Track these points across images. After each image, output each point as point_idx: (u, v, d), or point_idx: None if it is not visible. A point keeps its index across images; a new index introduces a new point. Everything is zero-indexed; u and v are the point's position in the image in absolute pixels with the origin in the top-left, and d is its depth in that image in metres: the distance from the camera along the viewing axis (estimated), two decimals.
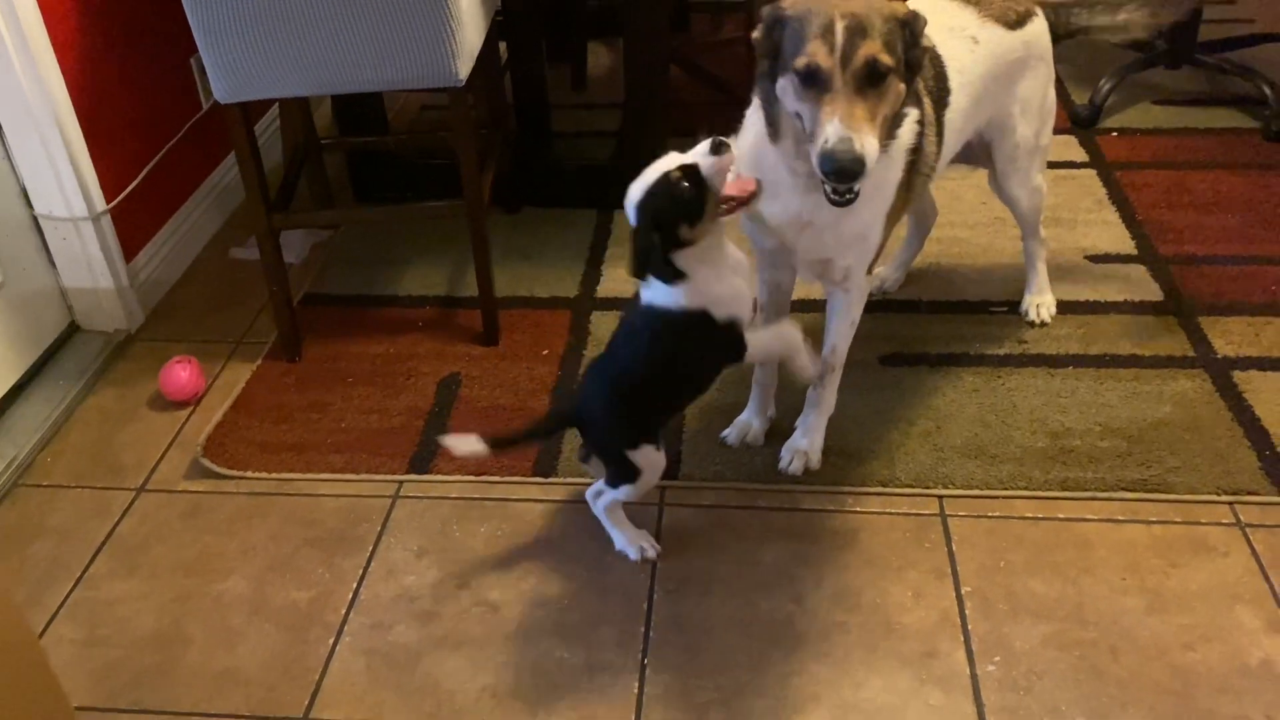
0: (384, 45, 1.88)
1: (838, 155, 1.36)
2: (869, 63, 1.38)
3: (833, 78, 1.38)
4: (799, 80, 1.41)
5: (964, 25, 1.78)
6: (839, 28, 1.38)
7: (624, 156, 2.68)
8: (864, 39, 1.37)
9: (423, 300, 2.37)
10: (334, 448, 1.98)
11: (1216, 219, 2.47)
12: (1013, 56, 1.84)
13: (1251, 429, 1.90)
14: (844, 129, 1.36)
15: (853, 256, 1.66)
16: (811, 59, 1.38)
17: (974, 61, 1.76)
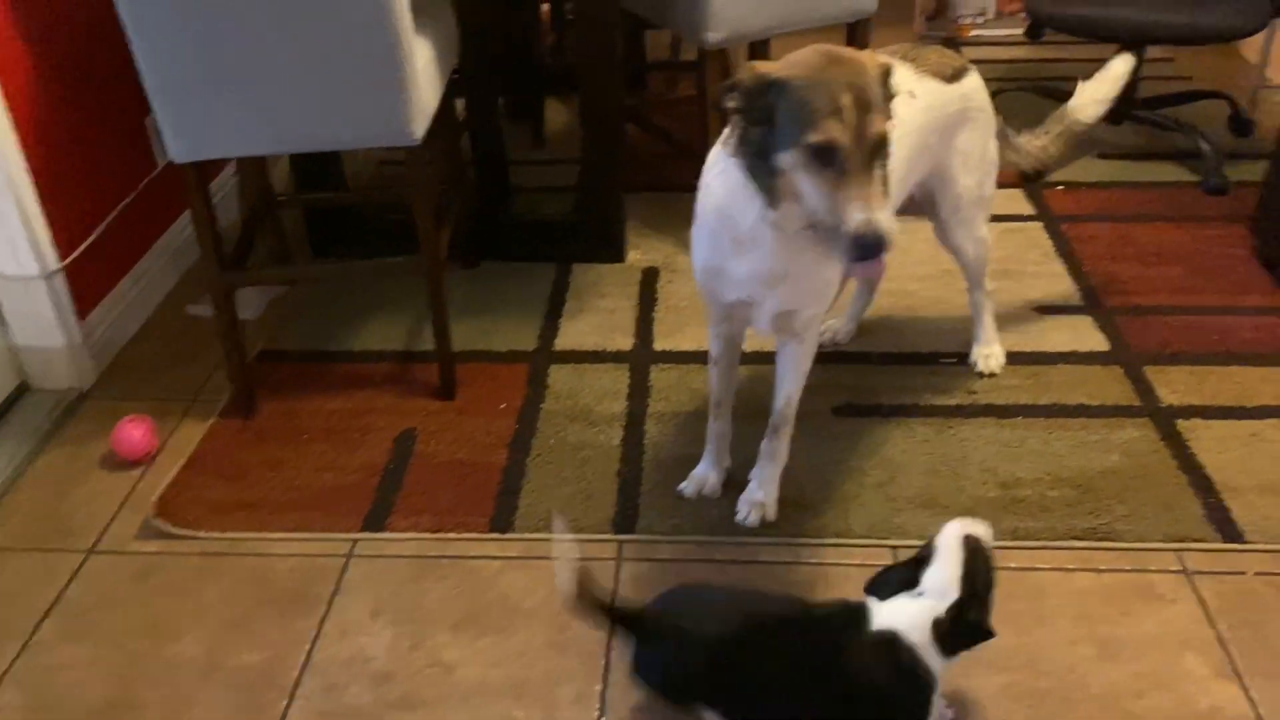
0: (340, 106, 1.89)
1: (869, 239, 1.36)
2: (881, 139, 1.38)
3: (849, 159, 1.36)
4: (811, 157, 1.38)
5: (903, 80, 1.82)
6: (847, 103, 1.36)
7: (582, 211, 2.71)
8: (871, 112, 1.37)
9: (379, 355, 2.37)
10: (288, 506, 1.97)
11: (1159, 270, 2.54)
12: (951, 109, 1.89)
13: (1196, 477, 1.94)
14: (869, 211, 1.36)
15: (815, 307, 1.69)
16: (828, 138, 1.36)
17: (911, 115, 1.80)
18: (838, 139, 1.36)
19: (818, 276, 1.63)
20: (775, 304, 1.66)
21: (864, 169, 1.37)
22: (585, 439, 2.09)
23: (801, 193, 1.43)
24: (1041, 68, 3.71)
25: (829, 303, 1.72)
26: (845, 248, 1.38)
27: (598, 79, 2.49)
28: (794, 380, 1.80)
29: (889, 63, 1.46)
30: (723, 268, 1.63)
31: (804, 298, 1.66)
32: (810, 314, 1.70)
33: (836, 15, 2.55)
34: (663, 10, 2.57)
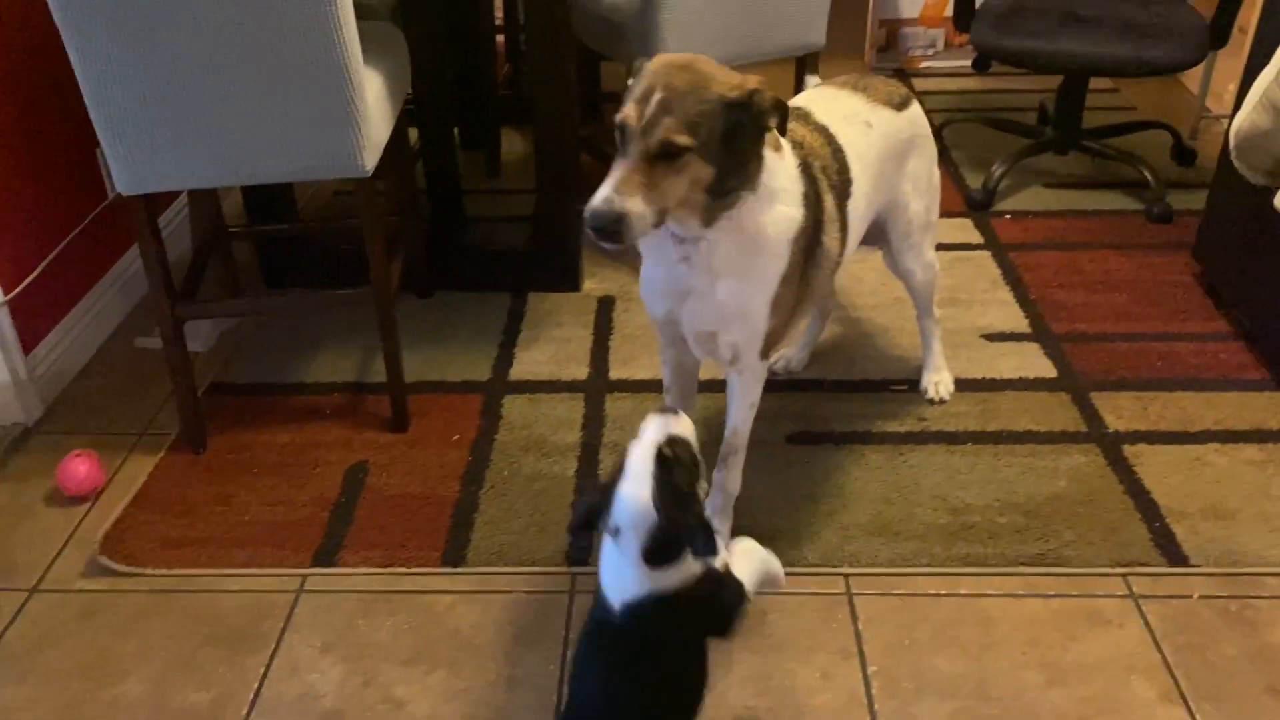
0: (289, 138, 1.89)
1: (596, 212, 1.41)
2: (663, 142, 1.41)
3: (631, 141, 1.43)
4: (617, 137, 1.46)
5: (857, 111, 1.85)
6: (654, 99, 1.42)
7: (537, 240, 2.71)
8: (668, 116, 1.41)
9: (331, 387, 2.35)
10: (237, 541, 1.94)
11: (1105, 298, 2.58)
12: (903, 136, 1.93)
13: (1142, 501, 1.97)
14: (610, 190, 1.41)
15: (736, 333, 1.68)
16: (621, 118, 1.44)
17: (869, 145, 1.83)
18: (627, 120, 1.43)
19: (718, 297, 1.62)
20: (692, 322, 1.68)
21: (635, 158, 1.42)
22: (540, 470, 2.09)
23: None
24: (989, 99, 3.77)
25: (756, 339, 1.69)
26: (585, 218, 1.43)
27: (552, 110, 2.50)
28: (739, 411, 1.80)
29: (756, 89, 1.47)
30: (651, 276, 1.69)
31: (714, 319, 1.66)
32: (731, 340, 1.68)
33: (787, 48, 2.59)
34: (616, 43, 2.59)
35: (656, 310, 1.73)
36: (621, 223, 1.41)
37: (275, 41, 1.79)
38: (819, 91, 1.91)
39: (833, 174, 1.73)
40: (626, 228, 1.41)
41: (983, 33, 2.94)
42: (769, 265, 1.62)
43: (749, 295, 1.64)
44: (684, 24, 2.38)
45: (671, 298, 1.67)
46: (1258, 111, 2.14)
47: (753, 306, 1.65)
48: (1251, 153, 2.23)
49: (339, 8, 1.79)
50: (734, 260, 1.59)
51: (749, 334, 1.68)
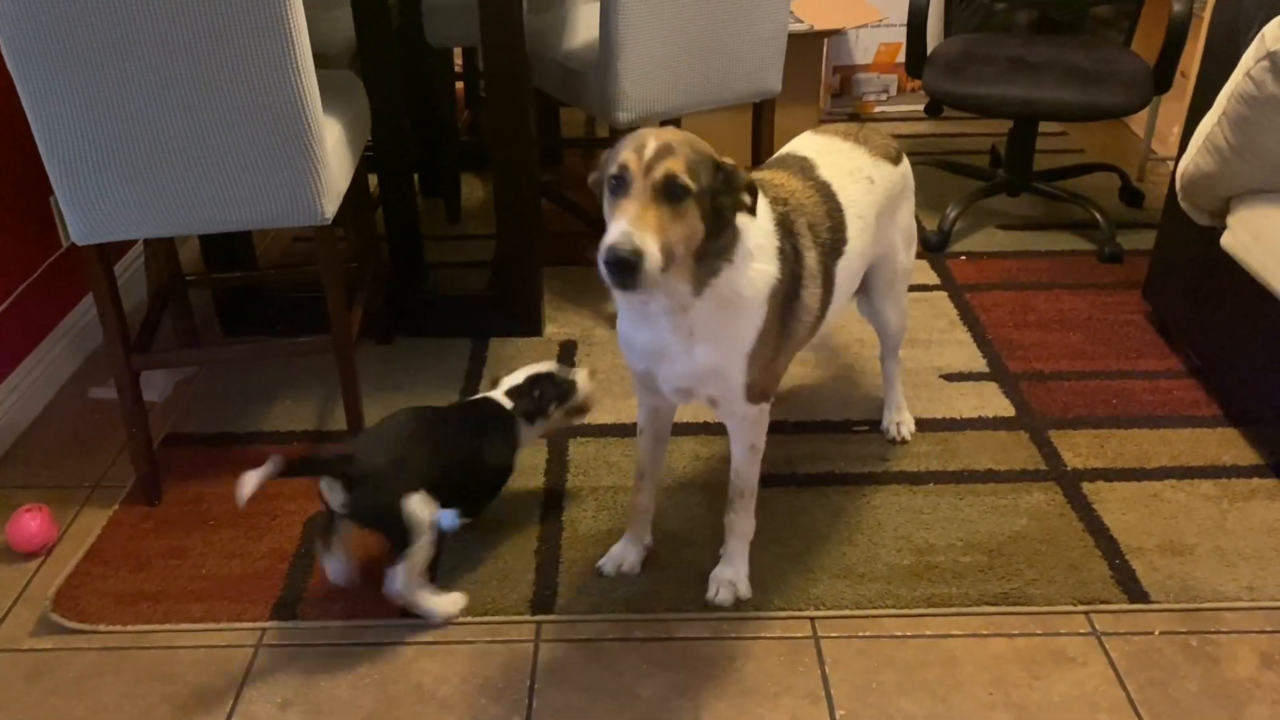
0: (247, 187, 1.88)
1: (616, 247, 1.38)
2: (668, 176, 1.42)
3: (633, 183, 1.43)
4: (610, 190, 1.46)
5: (860, 166, 1.87)
6: (650, 145, 1.44)
7: (498, 286, 2.71)
8: (670, 157, 1.43)
9: (291, 436, 2.32)
10: (194, 596, 1.91)
11: (1060, 337, 2.62)
12: (897, 190, 1.96)
13: (1101, 538, 1.99)
14: (628, 226, 1.39)
15: (714, 390, 1.68)
16: (620, 165, 1.44)
17: (871, 203, 1.85)
18: (627, 163, 1.43)
19: (694, 358, 1.62)
20: (669, 380, 1.68)
21: (644, 196, 1.42)
22: (502, 517, 2.07)
23: None
24: (943, 142, 3.85)
25: (736, 392, 1.68)
26: (601, 258, 1.40)
27: (511, 156, 2.51)
28: (739, 453, 1.80)
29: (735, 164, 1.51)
30: (629, 336, 1.68)
31: (689, 377, 1.66)
32: (708, 394, 1.69)
33: (743, 95, 2.62)
34: (574, 91, 2.61)
35: (635, 365, 1.73)
36: (641, 258, 1.38)
37: (234, 90, 1.79)
38: (823, 142, 1.91)
39: (822, 231, 1.74)
40: (644, 264, 1.39)
41: (934, 79, 3.00)
42: (745, 325, 1.62)
43: (724, 355, 1.64)
44: (641, 72, 2.41)
45: (649, 357, 1.67)
46: (1201, 154, 2.20)
47: (729, 364, 1.65)
48: (1197, 194, 2.29)
49: (298, 56, 1.79)
50: (711, 324, 1.59)
51: (726, 389, 1.68)
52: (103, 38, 1.71)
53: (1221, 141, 2.13)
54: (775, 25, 2.56)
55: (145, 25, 1.71)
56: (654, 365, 1.67)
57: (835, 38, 3.97)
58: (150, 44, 1.73)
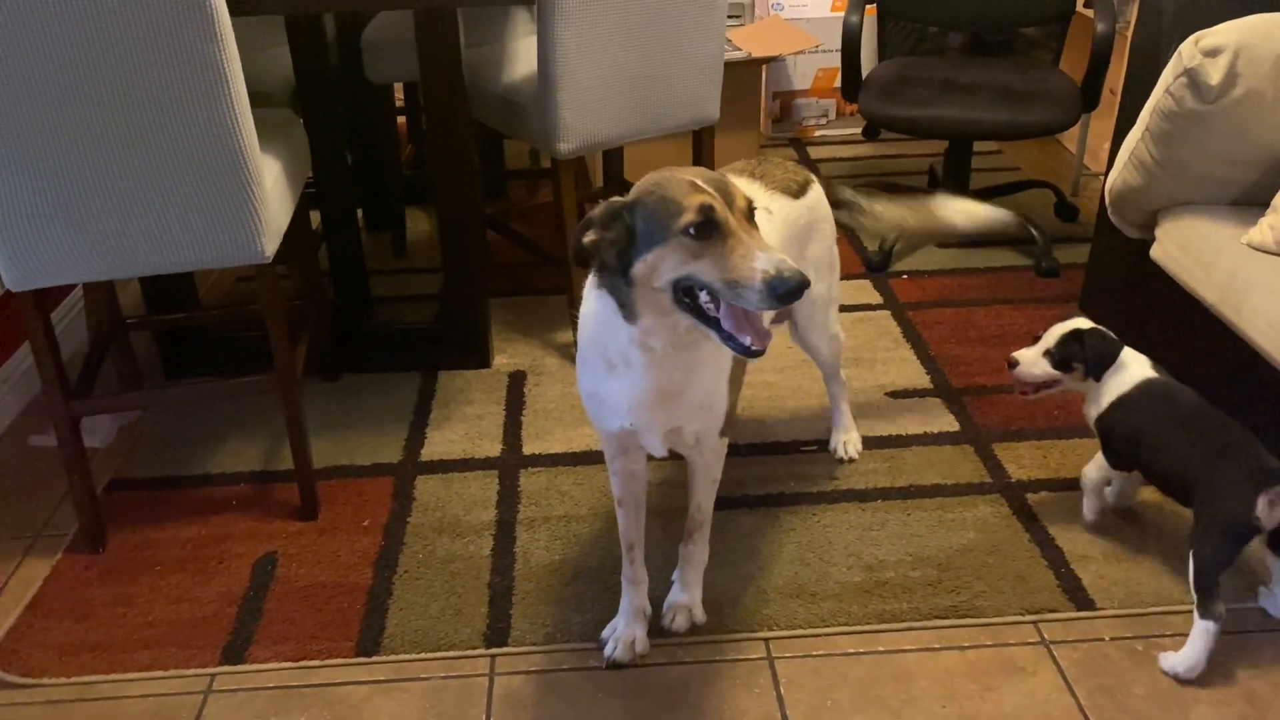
0: (185, 229, 1.87)
1: (787, 277, 1.32)
2: (749, 203, 1.41)
3: (728, 219, 1.37)
4: (691, 236, 1.37)
5: (756, 198, 1.86)
6: (704, 182, 1.39)
7: (445, 318, 2.71)
8: (728, 184, 1.40)
9: (237, 477, 2.30)
10: (140, 644, 1.87)
11: (1001, 351, 2.67)
12: (801, 222, 1.95)
13: (1047, 548, 2.02)
14: (765, 254, 1.35)
15: (700, 423, 1.66)
16: (701, 210, 1.36)
17: (771, 231, 1.85)
18: (710, 204, 1.37)
19: (693, 392, 1.60)
20: (660, 427, 1.63)
21: (745, 227, 1.38)
22: (454, 551, 2.06)
23: (666, 290, 1.41)
24: (882, 164, 3.91)
25: (717, 423, 1.68)
26: (761, 299, 1.34)
27: (454, 189, 2.52)
28: (703, 488, 1.79)
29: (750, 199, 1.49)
30: (602, 394, 1.61)
31: (684, 415, 1.63)
32: (694, 430, 1.67)
33: (682, 124, 2.65)
34: (515, 123, 2.63)
35: (613, 424, 1.64)
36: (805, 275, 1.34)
37: (168, 133, 1.78)
38: None
39: None
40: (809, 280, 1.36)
41: (870, 102, 3.06)
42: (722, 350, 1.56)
43: (714, 383, 1.62)
44: (581, 103, 2.43)
45: (632, 410, 1.59)
46: (1128, 169, 2.26)
47: (717, 392, 1.63)
48: (1125, 208, 2.35)
49: (232, 97, 1.79)
50: (703, 353, 1.56)
51: (713, 419, 1.67)
52: (30, 84, 1.70)
53: (1146, 156, 2.20)
54: (711, 54, 2.60)
55: (74, 71, 1.70)
56: (638, 418, 1.61)
57: (774, 64, 4.03)
58: (80, 90, 1.72)
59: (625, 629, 1.83)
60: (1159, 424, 1.89)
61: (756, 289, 1.34)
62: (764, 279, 1.33)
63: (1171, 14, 2.34)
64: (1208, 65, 2.00)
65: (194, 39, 1.72)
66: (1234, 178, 2.16)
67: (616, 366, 1.56)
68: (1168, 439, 1.87)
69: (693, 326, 1.45)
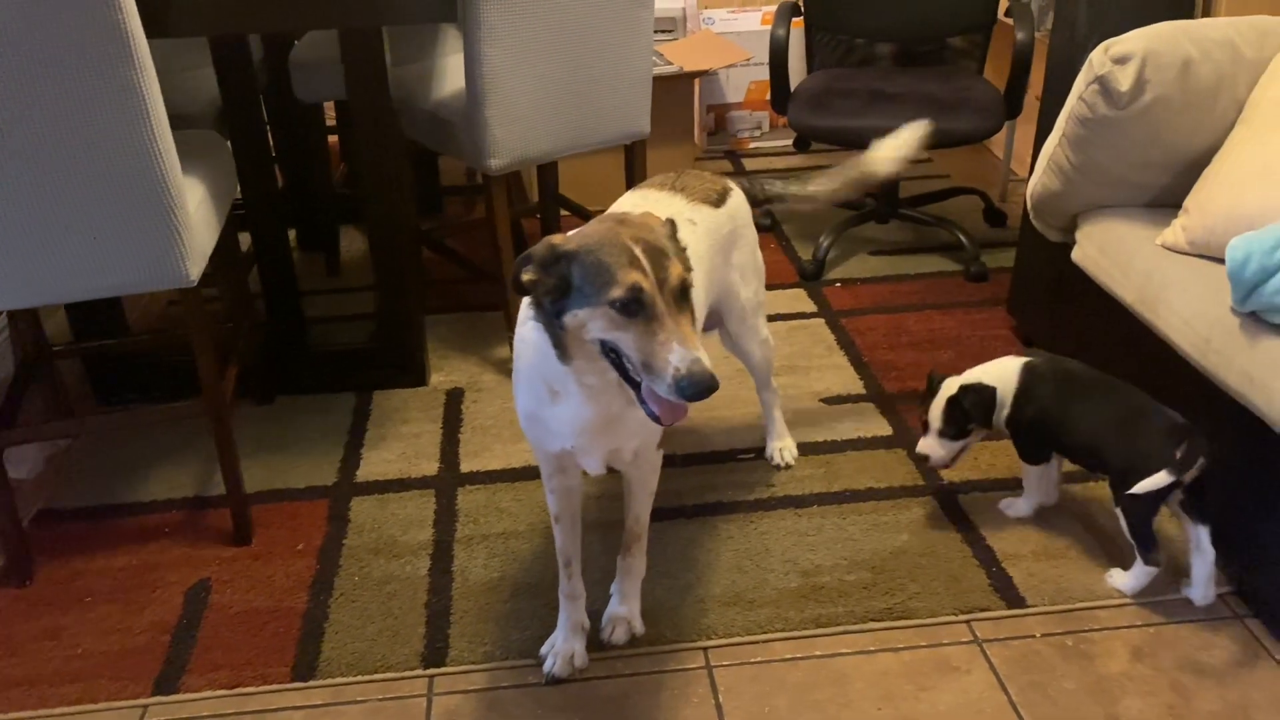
0: (106, 254, 1.84)
1: (696, 378, 1.34)
2: (681, 281, 1.40)
3: (655, 303, 1.37)
4: (618, 310, 1.37)
5: (680, 210, 1.88)
6: (641, 254, 1.38)
7: (380, 338, 2.69)
8: (667, 260, 1.39)
9: (169, 504, 2.26)
10: (69, 677, 1.83)
11: (932, 355, 2.72)
12: (724, 231, 1.97)
13: (979, 548, 2.06)
14: (689, 350, 1.35)
15: (639, 440, 1.67)
16: (630, 288, 1.36)
17: (697, 241, 1.86)
18: (641, 285, 1.37)
19: (631, 418, 1.58)
20: (601, 449, 1.64)
21: (672, 312, 1.38)
22: (391, 572, 2.05)
23: (594, 343, 1.43)
24: None
25: (656, 439, 1.70)
26: (668, 391, 1.36)
27: (385, 207, 2.51)
28: (641, 501, 1.80)
29: (672, 220, 1.51)
30: (542, 416, 1.61)
31: (624, 437, 1.63)
32: (635, 446, 1.67)
33: (613, 138, 2.67)
34: (446, 140, 2.62)
35: (554, 446, 1.65)
36: (715, 379, 1.35)
37: (86, 156, 1.75)
38: (639, 194, 1.93)
39: None
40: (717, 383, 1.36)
41: (798, 114, 3.10)
42: None
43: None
44: (510, 119, 2.44)
45: (575, 435, 1.59)
46: (1047, 174, 2.32)
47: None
48: (1046, 212, 2.40)
49: (152, 120, 1.77)
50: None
51: (653, 435, 1.68)
52: None
53: (1064, 161, 2.25)
54: (640, 69, 2.62)
55: None
56: (580, 441, 1.61)
57: (706, 78, 4.07)
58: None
59: (564, 644, 1.83)
60: (1061, 403, 2.00)
61: (666, 381, 1.36)
62: (674, 375, 1.35)
63: (1085, 23, 2.40)
64: (1118, 72, 2.06)
65: (109, 62, 1.70)
66: (1148, 181, 2.22)
67: (559, 394, 1.56)
68: (1076, 414, 1.97)
69: None
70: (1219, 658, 1.81)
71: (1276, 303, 1.74)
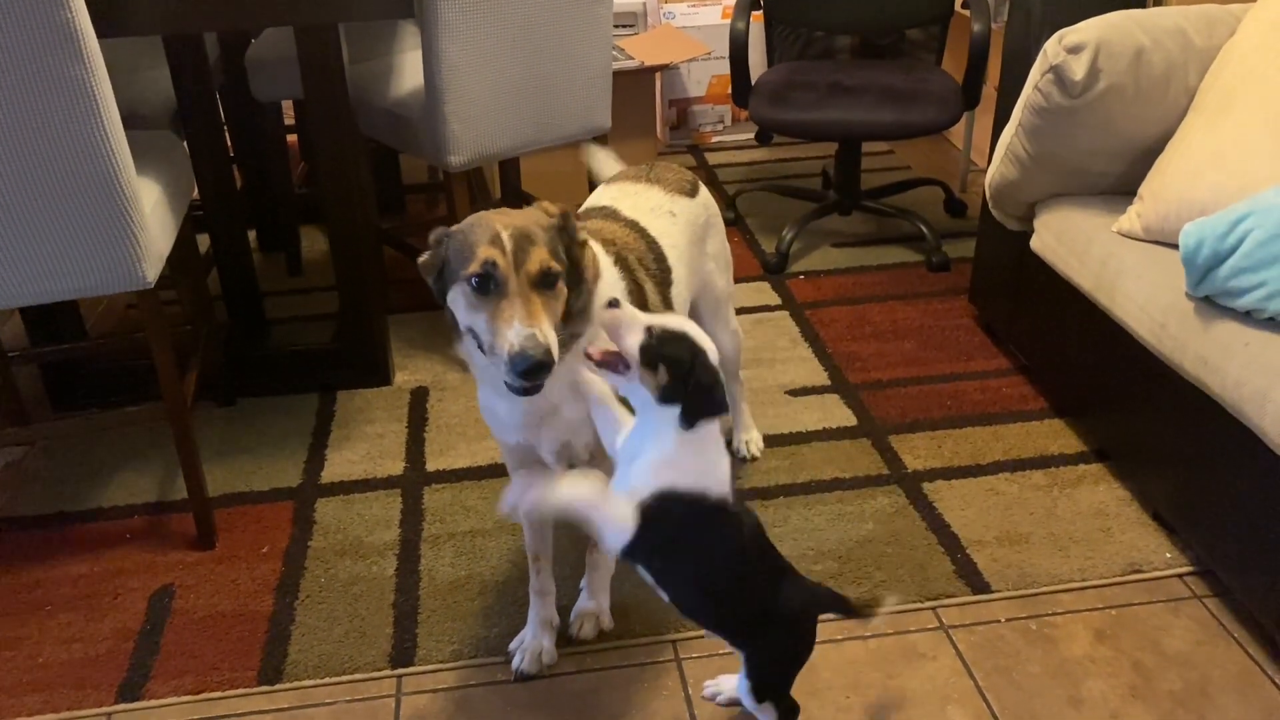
0: (60, 257, 1.81)
1: (526, 353, 1.33)
2: (542, 269, 1.39)
3: (508, 281, 1.37)
4: (473, 288, 1.38)
5: (660, 203, 1.88)
6: (506, 236, 1.38)
7: (343, 338, 2.68)
8: (532, 246, 1.39)
9: (130, 510, 2.23)
10: (30, 687, 1.81)
11: (895, 346, 2.73)
12: (700, 221, 1.97)
13: (943, 535, 2.07)
14: (526, 327, 1.34)
15: (591, 437, 1.65)
16: (484, 263, 1.37)
17: (679, 234, 1.87)
18: (495, 261, 1.37)
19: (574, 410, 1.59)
20: (551, 442, 1.63)
21: (524, 292, 1.37)
22: (357, 573, 2.03)
23: (472, 328, 1.42)
24: (776, 168, 3.97)
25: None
26: (505, 371, 1.36)
27: (344, 206, 2.49)
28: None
29: (566, 209, 1.49)
30: (495, 409, 1.62)
31: (571, 429, 1.62)
32: (589, 443, 1.66)
33: (574, 133, 2.66)
34: (405, 138, 2.61)
35: (508, 438, 1.66)
36: (552, 356, 1.35)
37: (37, 159, 1.72)
38: (618, 188, 1.92)
39: (650, 263, 1.75)
40: (553, 356, 1.35)
41: (759, 107, 3.11)
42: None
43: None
44: (469, 116, 2.42)
45: (525, 428, 1.61)
46: (1004, 164, 2.34)
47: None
48: (1004, 201, 2.43)
49: (104, 120, 1.74)
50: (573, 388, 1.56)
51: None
52: None
53: (1020, 151, 2.27)
54: (599, 64, 2.61)
55: None
56: (531, 434, 1.61)
57: (668, 72, 4.07)
58: None
59: (533, 640, 1.83)
60: None
61: (503, 360, 1.35)
62: (509, 351, 1.34)
63: (1039, 12, 2.42)
64: (1071, 62, 2.08)
65: (59, 62, 1.67)
66: (1103, 169, 2.25)
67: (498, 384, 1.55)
68: None
69: None
70: (1179, 638, 1.83)
71: (1229, 287, 1.77)
